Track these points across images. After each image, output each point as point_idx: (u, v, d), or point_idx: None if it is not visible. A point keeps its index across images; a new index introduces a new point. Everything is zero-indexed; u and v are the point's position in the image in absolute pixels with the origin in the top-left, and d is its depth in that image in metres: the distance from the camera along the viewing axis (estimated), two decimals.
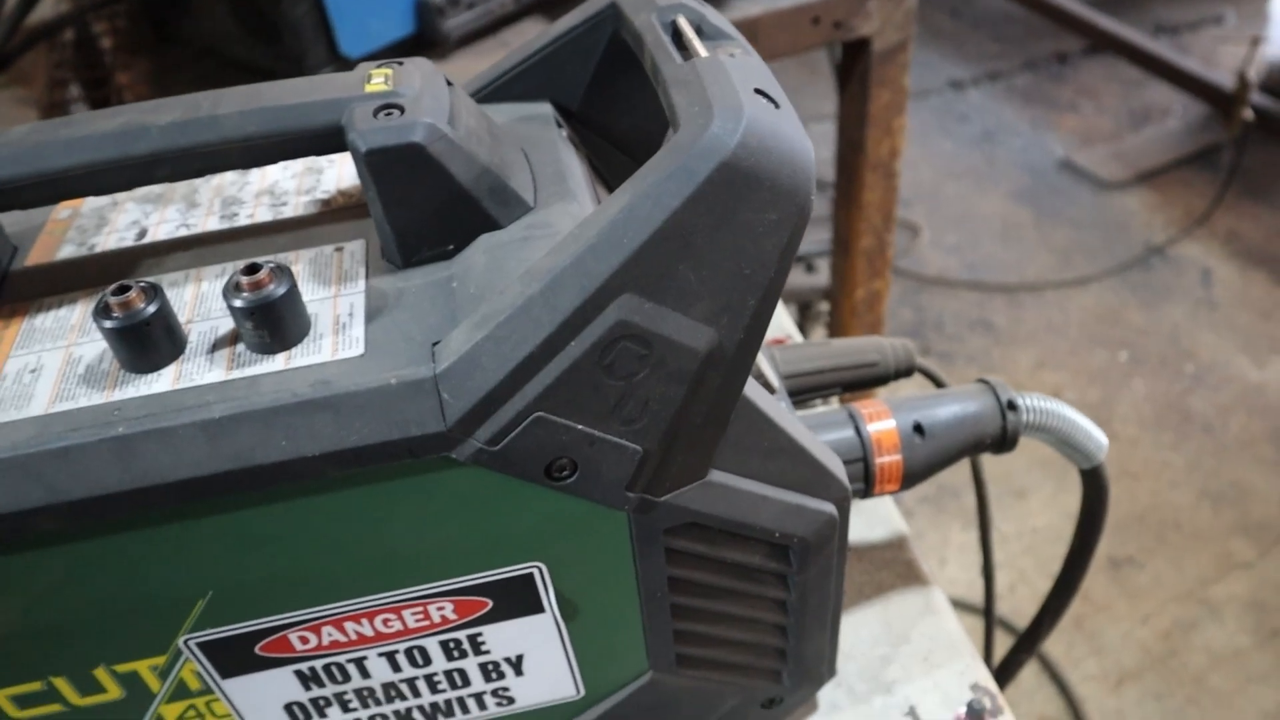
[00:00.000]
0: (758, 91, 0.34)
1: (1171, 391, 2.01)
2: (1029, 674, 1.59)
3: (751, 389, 0.39)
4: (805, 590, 0.44)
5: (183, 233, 0.41)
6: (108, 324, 0.33)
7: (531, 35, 0.98)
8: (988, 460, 0.63)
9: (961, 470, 1.85)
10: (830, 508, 0.42)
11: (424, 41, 0.95)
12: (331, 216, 0.41)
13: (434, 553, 0.38)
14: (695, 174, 0.32)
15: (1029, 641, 0.67)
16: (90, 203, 0.44)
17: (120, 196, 0.44)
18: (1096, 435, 0.56)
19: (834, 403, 0.65)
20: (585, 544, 0.39)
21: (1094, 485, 0.59)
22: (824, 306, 1.70)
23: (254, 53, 0.93)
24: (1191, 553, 1.74)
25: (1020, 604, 1.66)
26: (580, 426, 0.34)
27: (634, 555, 0.40)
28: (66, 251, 0.41)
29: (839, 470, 0.43)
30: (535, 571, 0.39)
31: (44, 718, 0.40)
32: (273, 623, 0.39)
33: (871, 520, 0.64)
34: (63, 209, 0.44)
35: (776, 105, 0.34)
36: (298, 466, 0.33)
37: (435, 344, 0.33)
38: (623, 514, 0.38)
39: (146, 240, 0.41)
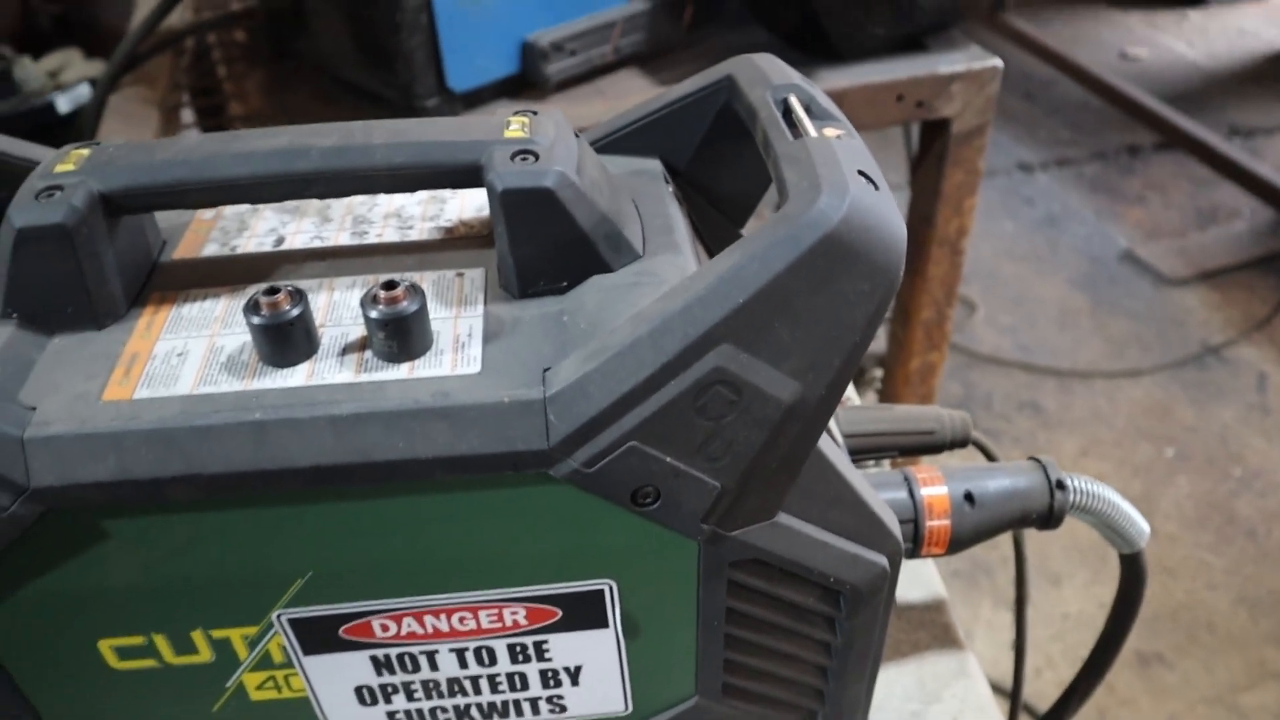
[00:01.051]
0: (860, 173, 0.38)
1: (1216, 492, 1.99)
2: None
3: (824, 442, 0.41)
4: (851, 636, 0.47)
5: (316, 244, 0.45)
6: (256, 320, 0.37)
7: (626, 86, 1.03)
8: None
9: (996, 547, 1.85)
10: (883, 560, 0.45)
11: (525, 82, 1.00)
12: (453, 244, 0.45)
13: (517, 560, 0.41)
14: (800, 242, 0.35)
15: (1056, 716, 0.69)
16: (232, 207, 0.49)
17: (261, 204, 0.48)
18: (1139, 521, 0.58)
19: (886, 465, 0.68)
20: (656, 568, 0.42)
21: (1132, 571, 0.61)
22: (878, 373, 1.72)
23: (365, 76, 0.98)
24: (1224, 656, 1.72)
25: (1045, 689, 1.65)
26: (668, 459, 0.37)
27: (699, 583, 0.43)
28: (210, 250, 0.46)
29: (894, 526, 0.45)
30: (606, 588, 0.42)
31: (138, 671, 0.44)
32: (360, 608, 0.42)
33: (913, 582, 0.66)
34: (207, 211, 0.48)
35: (876, 187, 0.38)
36: (411, 467, 0.36)
37: (546, 370, 0.37)
38: (694, 544, 0.41)
39: (283, 248, 0.45)
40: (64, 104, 0.94)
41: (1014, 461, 0.59)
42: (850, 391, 0.83)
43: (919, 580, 0.67)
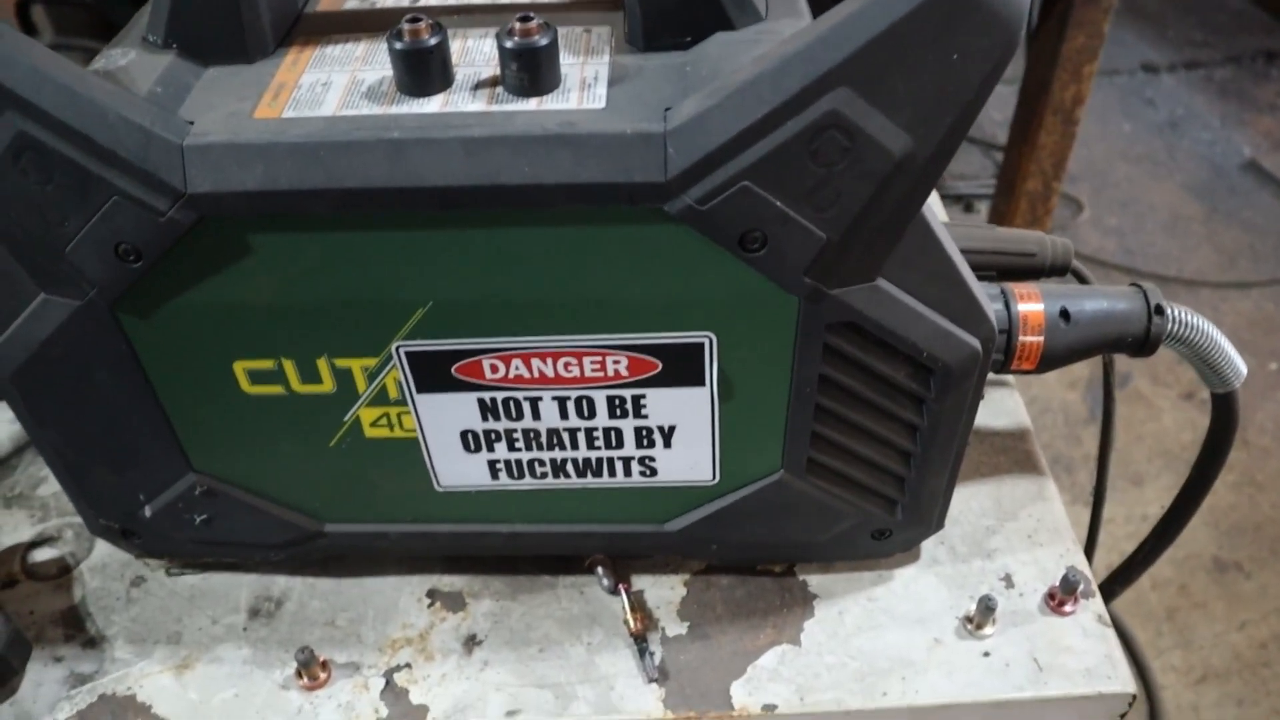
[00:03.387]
0: None
1: None
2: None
3: (930, 217, 0.42)
4: (938, 421, 0.48)
5: (452, 1, 0.47)
6: (398, 45, 0.39)
7: None
8: None
9: (1078, 444, 1.83)
10: (976, 343, 0.46)
11: None
12: (583, 5, 0.46)
13: (625, 303, 0.43)
14: None
15: (1138, 559, 0.70)
16: None
17: None
18: (1236, 361, 0.58)
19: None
20: (756, 324, 0.43)
21: (1224, 411, 0.61)
22: None
23: None
24: None
25: None
26: (778, 203, 0.39)
27: (795, 345, 0.44)
28: (352, 3, 0.48)
29: (990, 311, 0.46)
30: (706, 342, 0.44)
31: (266, 397, 0.47)
32: (473, 344, 0.45)
33: (998, 410, 0.67)
34: None
35: None
36: (535, 192, 0.38)
37: (667, 109, 0.38)
38: (794, 300, 0.42)
39: (421, 3, 0.47)
40: None
41: (1115, 286, 0.59)
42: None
43: (1004, 409, 0.68)
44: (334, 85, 0.42)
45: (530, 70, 0.39)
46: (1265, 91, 2.80)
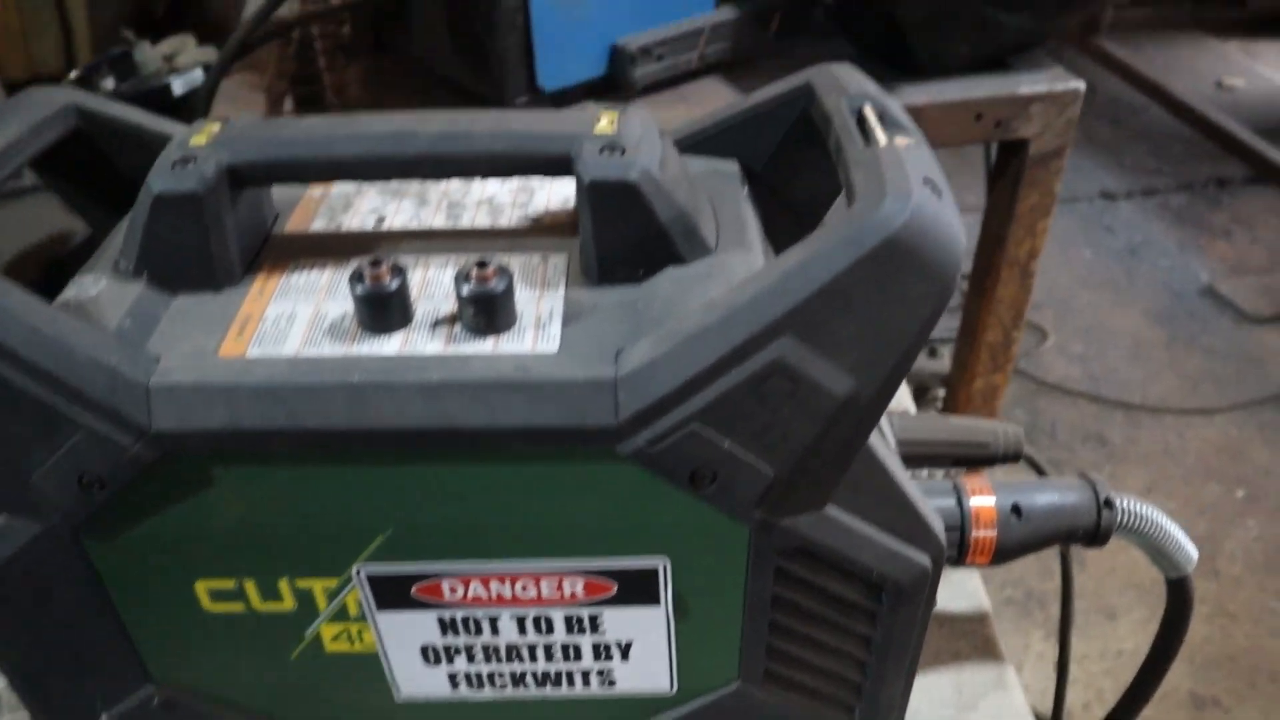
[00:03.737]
0: (925, 180, 0.40)
1: None
2: None
3: (876, 441, 0.44)
4: (891, 633, 0.49)
5: (414, 225, 0.49)
6: (359, 289, 0.41)
7: (709, 92, 1.06)
8: (1080, 576, 0.66)
9: (1051, 578, 1.84)
10: (926, 560, 0.47)
11: (612, 85, 1.03)
12: (540, 231, 0.48)
13: (579, 532, 0.43)
14: (863, 244, 0.37)
15: None
16: (338, 186, 0.52)
17: (365, 185, 0.52)
18: (1187, 546, 0.59)
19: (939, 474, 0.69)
20: (708, 550, 0.44)
21: (1178, 596, 0.62)
22: (940, 392, 1.73)
23: (459, 72, 1.03)
24: None
25: None
26: (726, 444, 0.40)
27: (747, 568, 0.45)
28: (318, 225, 0.49)
29: (939, 529, 0.47)
30: (660, 566, 0.45)
31: (228, 614, 0.47)
32: (432, 568, 0.45)
33: (958, 593, 0.68)
34: (316, 188, 0.52)
35: (939, 195, 0.40)
36: (490, 434, 0.39)
37: (619, 352, 0.40)
38: (745, 529, 0.43)
39: (384, 227, 0.49)
40: (179, 86, 0.99)
41: (1063, 478, 0.60)
42: (910, 405, 0.84)
43: (964, 592, 0.68)
44: (298, 319, 0.43)
45: (486, 313, 0.40)
46: (1219, 217, 2.90)
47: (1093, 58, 3.44)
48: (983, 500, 0.56)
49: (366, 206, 0.50)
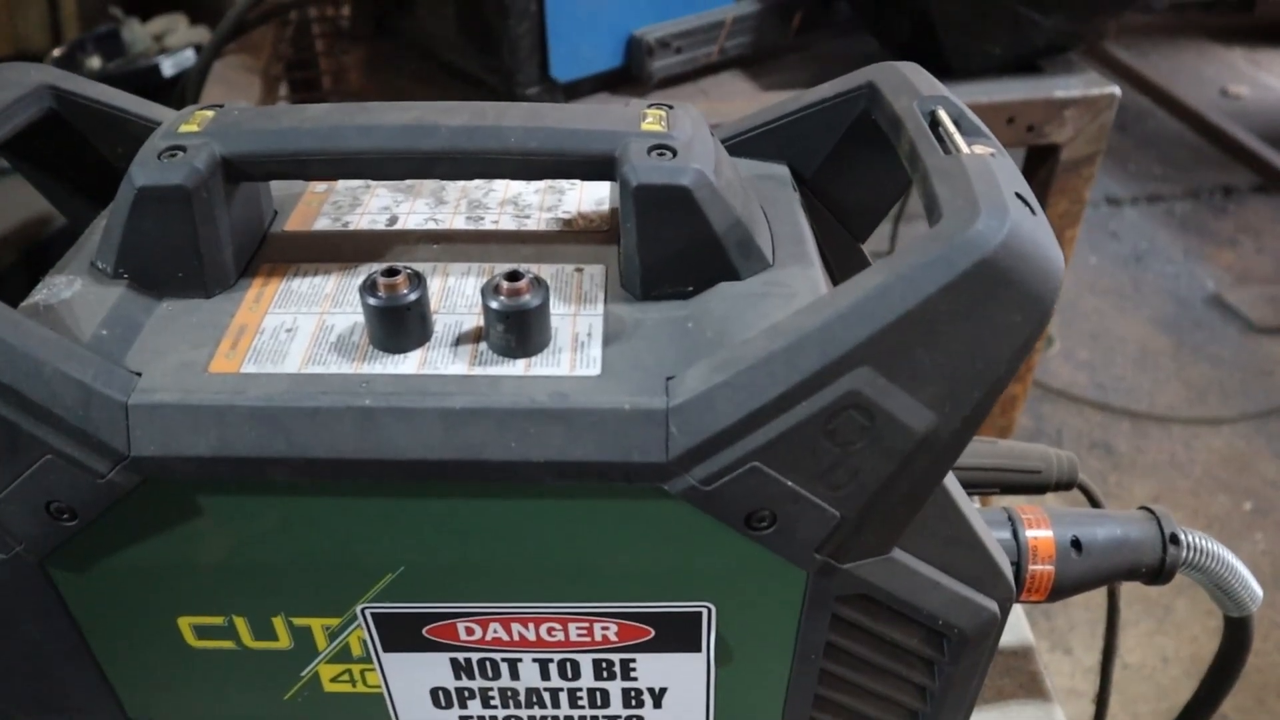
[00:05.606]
0: (1017, 195, 0.35)
1: None
2: None
3: (949, 478, 0.39)
4: (950, 682, 0.44)
5: (430, 226, 0.44)
6: (372, 301, 0.36)
7: (730, 88, 1.01)
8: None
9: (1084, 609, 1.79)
10: (994, 606, 0.42)
11: (627, 77, 0.98)
12: (572, 237, 0.43)
13: (617, 574, 0.39)
14: (954, 265, 0.33)
15: None
16: (345, 182, 0.47)
17: (375, 180, 0.47)
18: (1253, 585, 0.55)
19: (992, 502, 0.65)
20: (759, 595, 0.39)
21: (1237, 635, 0.58)
22: None
23: (466, 60, 0.97)
24: None
25: None
26: (790, 483, 0.35)
27: (801, 615, 0.40)
28: (322, 224, 0.44)
29: (1008, 570, 0.43)
30: (705, 612, 0.40)
31: (215, 651, 0.43)
32: (447, 609, 0.40)
33: None
34: (320, 183, 0.47)
35: (1034, 211, 0.35)
36: (521, 469, 0.34)
37: (669, 378, 0.35)
38: (803, 574, 0.39)
39: (397, 227, 0.44)
40: (168, 67, 0.94)
41: (1125, 510, 0.55)
42: None
43: (1007, 626, 0.64)
44: (300, 331, 0.38)
45: (518, 332, 0.35)
46: (1224, 225, 2.86)
47: (1099, 62, 3.40)
48: (1040, 533, 0.52)
49: (377, 205, 0.45)
